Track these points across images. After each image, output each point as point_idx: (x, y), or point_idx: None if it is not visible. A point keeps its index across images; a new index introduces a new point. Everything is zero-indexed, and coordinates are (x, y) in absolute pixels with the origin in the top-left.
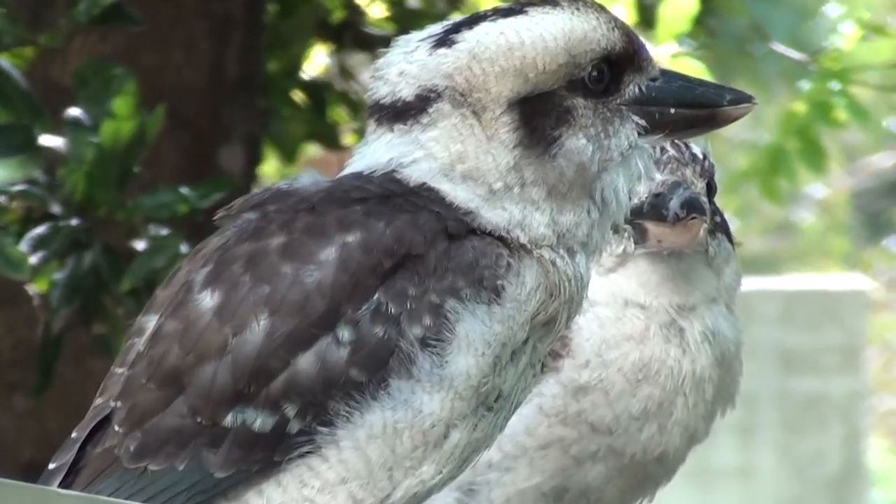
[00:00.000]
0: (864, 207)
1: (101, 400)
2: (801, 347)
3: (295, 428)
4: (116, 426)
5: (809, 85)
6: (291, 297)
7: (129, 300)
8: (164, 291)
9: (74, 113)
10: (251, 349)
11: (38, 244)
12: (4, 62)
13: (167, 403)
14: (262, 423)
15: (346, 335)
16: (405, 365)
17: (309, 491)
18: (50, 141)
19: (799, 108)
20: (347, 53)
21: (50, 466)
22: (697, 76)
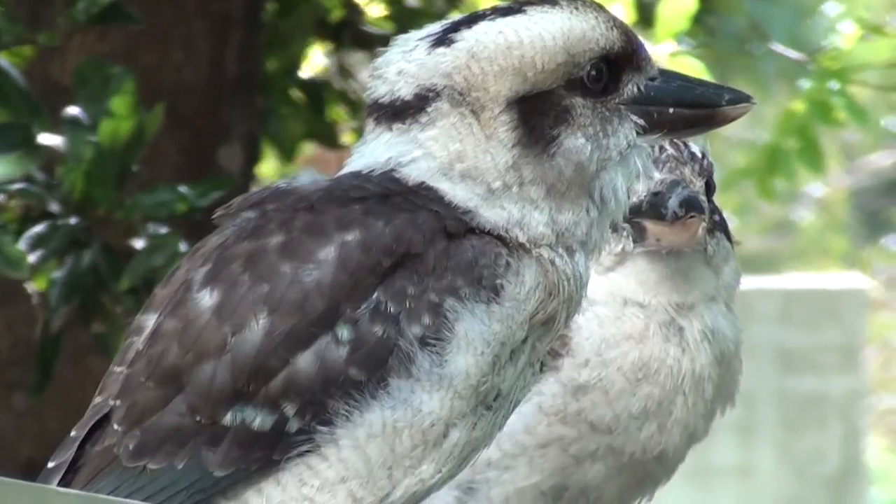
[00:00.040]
0: (862, 206)
1: (100, 398)
2: (800, 346)
3: (294, 427)
4: (115, 425)
5: (808, 84)
6: (290, 296)
7: (127, 299)
8: (163, 290)
9: (73, 112)
10: (250, 348)
11: (36, 243)
12: (3, 61)
13: (166, 402)
14: (261, 421)
15: (345, 334)
16: (404, 364)
17: (308, 490)
18: (49, 139)
19: (798, 107)
20: (346, 52)
21: (49, 465)
22: (696, 75)
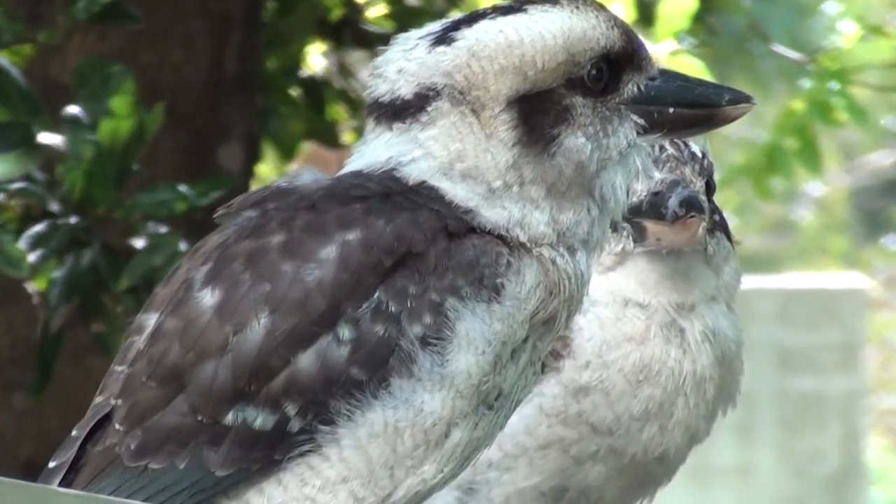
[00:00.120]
0: (862, 206)
1: (101, 398)
2: (799, 346)
3: (296, 426)
4: (117, 424)
5: (808, 84)
6: (292, 295)
7: (127, 298)
8: (163, 289)
9: (73, 111)
10: (252, 347)
11: (36, 242)
12: (3, 60)
13: (168, 402)
14: (262, 421)
15: (346, 333)
16: (406, 364)
17: (310, 490)
18: (48, 139)
19: (797, 106)
20: (346, 51)
21: (50, 465)
22: (696, 74)
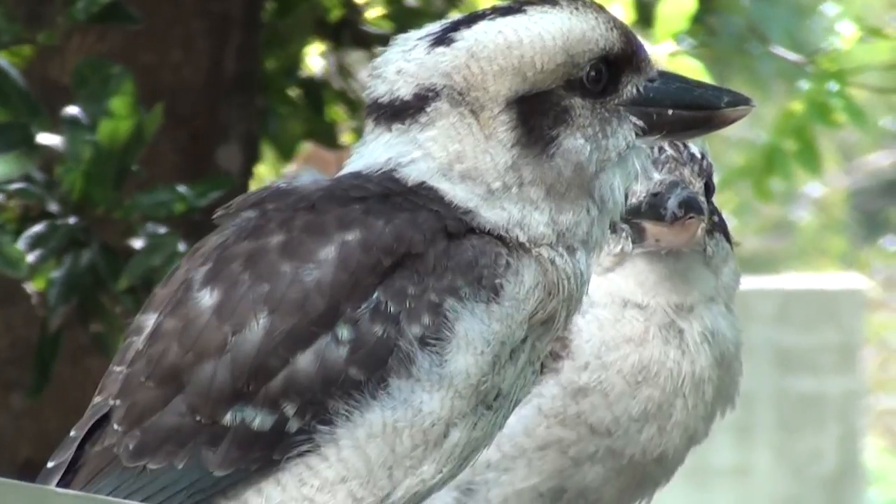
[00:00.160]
0: (861, 206)
1: (99, 398)
2: (797, 347)
3: (294, 427)
4: (115, 425)
5: (807, 85)
6: (291, 295)
7: (126, 298)
8: (162, 290)
9: (72, 111)
10: (250, 348)
11: (35, 242)
12: (2, 60)
13: (166, 402)
14: (261, 421)
15: (345, 334)
16: (404, 364)
17: (308, 490)
18: (48, 139)
19: (796, 107)
20: (345, 52)
21: (48, 465)
22: (695, 75)
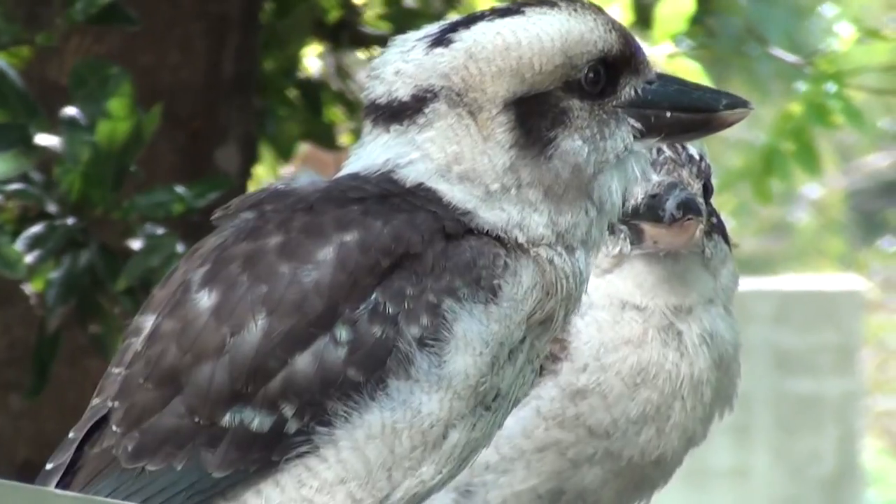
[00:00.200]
0: (859, 207)
1: (98, 400)
2: (795, 348)
3: (293, 428)
4: (114, 426)
5: (805, 86)
6: (289, 296)
7: (124, 299)
8: (161, 291)
9: (70, 112)
10: (249, 349)
11: (33, 243)
12: (1, 61)
13: (165, 403)
14: (259, 422)
15: (343, 335)
16: (403, 365)
17: (307, 491)
18: (46, 140)
19: (795, 109)
20: (344, 53)
21: (47, 467)
22: (694, 76)
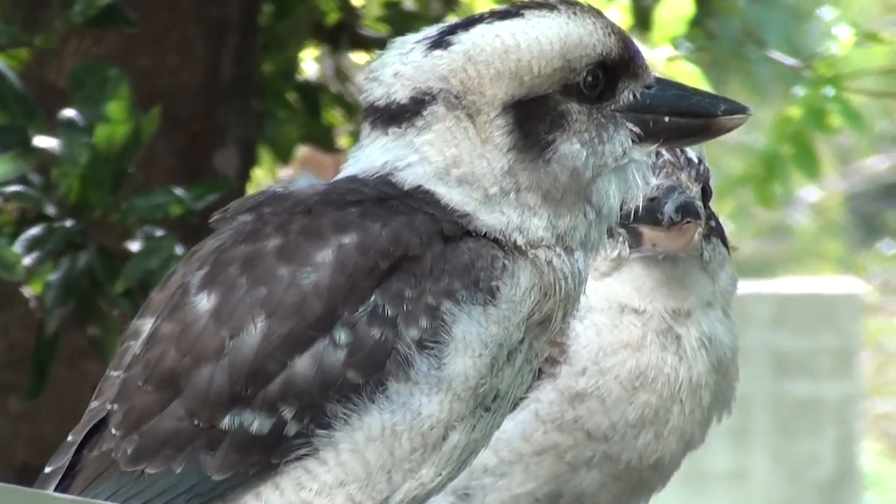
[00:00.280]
0: (857, 210)
1: (96, 403)
2: (794, 351)
3: (292, 430)
4: (113, 429)
5: (804, 90)
6: (288, 299)
7: (123, 301)
8: (159, 294)
9: (69, 114)
10: (248, 351)
11: (32, 245)
12: (0, 63)
13: (164, 406)
14: (259, 425)
15: (342, 337)
16: (402, 367)
17: (307, 493)
18: (44, 142)
19: (793, 112)
20: (343, 55)
21: (46, 470)
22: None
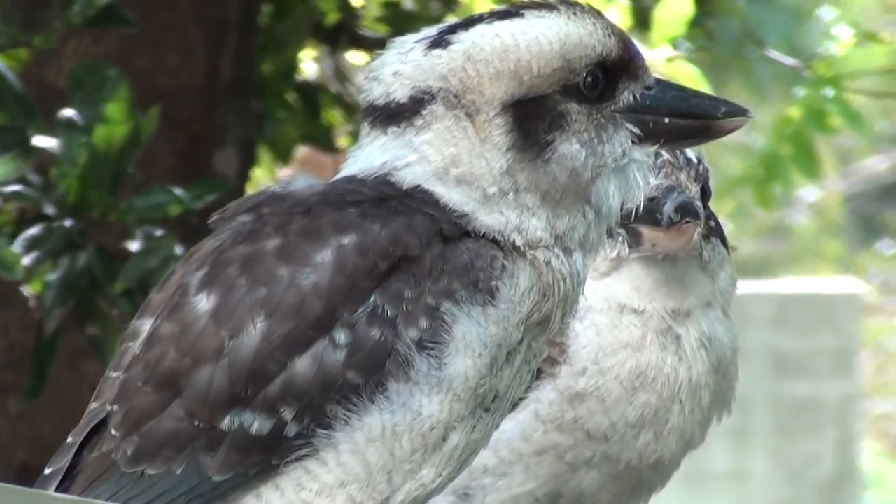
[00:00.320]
0: (857, 210)
1: (96, 404)
2: (794, 351)
3: (292, 431)
4: (113, 430)
5: (804, 90)
6: (288, 299)
7: (122, 301)
8: (158, 295)
9: (68, 114)
10: (248, 352)
11: (31, 245)
12: None
13: (164, 407)
14: (259, 426)
15: (342, 338)
16: (402, 367)
17: (307, 494)
18: (43, 142)
19: (793, 113)
20: (342, 55)
21: (46, 471)
22: (692, 80)
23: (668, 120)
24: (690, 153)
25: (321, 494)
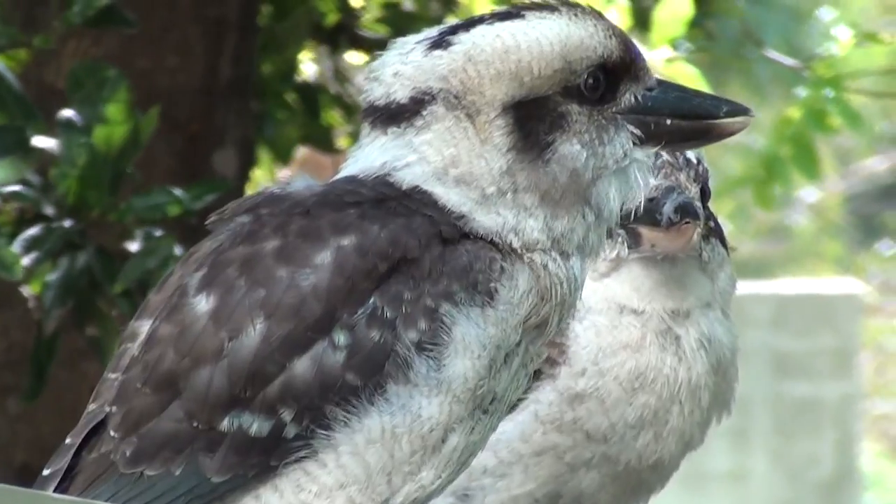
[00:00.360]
0: (857, 211)
1: (94, 405)
2: (793, 351)
3: (291, 432)
4: (112, 431)
5: (804, 91)
6: (287, 300)
7: (122, 301)
8: (156, 296)
9: (67, 115)
10: (247, 353)
11: (31, 245)
12: None
13: (163, 408)
14: (258, 427)
15: (342, 339)
16: (402, 369)
17: (306, 496)
18: (43, 142)
19: (793, 113)
20: (342, 56)
21: (44, 472)
22: (692, 80)
23: (669, 121)
24: (690, 154)
25: (320, 496)
